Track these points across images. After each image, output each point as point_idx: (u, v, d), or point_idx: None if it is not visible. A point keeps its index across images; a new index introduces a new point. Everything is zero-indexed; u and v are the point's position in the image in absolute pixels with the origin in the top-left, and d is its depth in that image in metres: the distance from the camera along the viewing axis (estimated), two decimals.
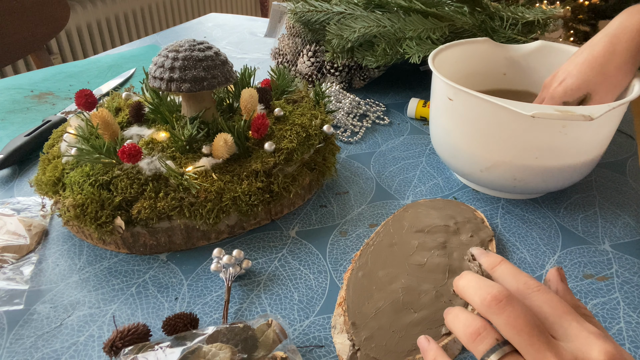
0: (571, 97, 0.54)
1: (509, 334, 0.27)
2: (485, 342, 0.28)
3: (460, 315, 0.30)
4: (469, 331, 0.28)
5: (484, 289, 0.29)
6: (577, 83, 0.53)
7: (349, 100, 0.80)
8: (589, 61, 0.52)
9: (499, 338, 0.28)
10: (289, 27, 0.87)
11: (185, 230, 0.50)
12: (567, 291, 0.32)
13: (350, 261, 0.51)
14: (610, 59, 0.51)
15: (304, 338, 0.42)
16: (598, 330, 0.27)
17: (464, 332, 0.29)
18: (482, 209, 0.59)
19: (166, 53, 0.52)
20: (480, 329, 0.28)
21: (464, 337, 0.29)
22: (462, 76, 0.66)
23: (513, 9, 0.75)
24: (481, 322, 0.28)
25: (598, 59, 0.52)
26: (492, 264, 0.33)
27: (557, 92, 0.54)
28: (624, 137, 0.74)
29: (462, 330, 0.29)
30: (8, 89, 0.89)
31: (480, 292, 0.29)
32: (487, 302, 0.28)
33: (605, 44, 0.52)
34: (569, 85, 0.53)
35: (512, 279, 0.30)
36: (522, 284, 0.30)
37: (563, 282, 0.33)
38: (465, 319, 0.29)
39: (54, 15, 1.31)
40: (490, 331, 0.28)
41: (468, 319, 0.29)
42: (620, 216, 0.57)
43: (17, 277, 0.48)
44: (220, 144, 0.50)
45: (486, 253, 0.34)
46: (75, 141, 0.53)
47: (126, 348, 0.36)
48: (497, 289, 0.28)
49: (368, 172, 0.66)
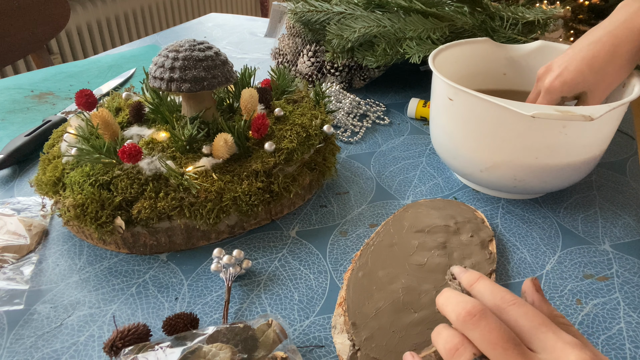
0: (569, 93, 0.53)
1: (484, 348, 0.28)
2: (462, 357, 0.28)
3: (442, 332, 0.30)
4: (447, 347, 0.29)
5: (460, 304, 0.30)
6: (576, 80, 0.52)
7: (349, 100, 0.80)
8: (588, 59, 0.51)
9: (476, 352, 0.28)
10: (289, 27, 0.87)
11: (186, 230, 0.50)
12: (543, 301, 0.33)
13: (350, 261, 0.51)
14: (611, 60, 0.50)
15: (304, 338, 0.42)
16: (575, 340, 0.27)
17: (444, 347, 0.29)
18: (482, 209, 0.59)
19: (166, 53, 0.52)
20: (458, 344, 0.29)
21: (444, 353, 0.29)
22: (462, 76, 0.66)
23: (513, 9, 0.75)
24: (459, 338, 0.29)
25: (599, 59, 0.51)
26: (470, 281, 0.33)
27: (554, 85, 0.53)
28: (624, 137, 0.74)
29: (442, 346, 0.30)
30: (8, 89, 0.89)
31: (456, 308, 0.30)
32: (462, 317, 0.29)
33: (606, 44, 0.51)
34: (567, 80, 0.52)
35: (489, 295, 0.31)
36: (499, 299, 0.30)
37: (539, 293, 0.33)
38: (445, 335, 0.30)
39: (54, 15, 1.31)
40: (468, 346, 0.29)
41: (448, 335, 0.30)
42: (620, 216, 0.57)
43: (17, 277, 0.48)
44: (221, 144, 0.50)
45: (465, 271, 0.35)
46: (76, 141, 0.53)
47: (126, 348, 0.36)
48: (471, 304, 0.29)
49: (368, 172, 0.66)
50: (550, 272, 0.49)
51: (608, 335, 0.43)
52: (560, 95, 0.53)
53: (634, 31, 0.50)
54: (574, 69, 0.52)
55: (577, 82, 0.52)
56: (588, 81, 0.52)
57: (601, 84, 0.52)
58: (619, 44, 0.50)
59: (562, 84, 0.52)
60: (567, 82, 0.52)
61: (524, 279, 0.48)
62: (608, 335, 0.43)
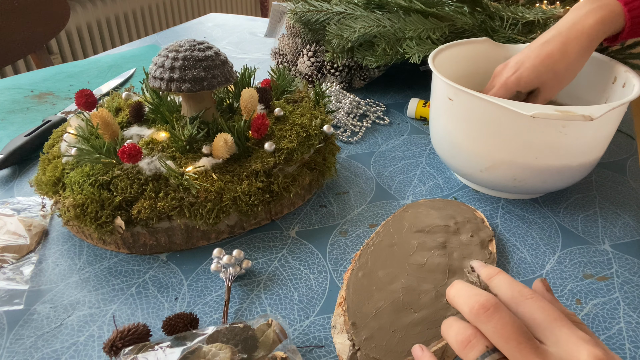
0: (524, 89, 0.56)
1: (497, 341, 0.28)
2: (475, 350, 0.28)
3: (453, 324, 0.31)
4: (459, 339, 0.29)
5: (473, 297, 0.30)
6: (530, 76, 0.55)
7: (349, 100, 0.80)
8: (541, 58, 0.55)
9: (488, 345, 0.28)
10: (289, 27, 0.87)
11: (185, 230, 0.50)
12: (554, 300, 0.34)
13: (350, 261, 0.51)
14: (561, 59, 0.54)
15: (304, 338, 0.42)
16: (587, 336, 0.28)
17: (455, 340, 0.30)
18: (482, 209, 0.59)
19: (166, 53, 0.52)
20: (470, 336, 0.29)
21: (455, 345, 0.30)
22: (462, 76, 0.66)
23: (513, 9, 0.75)
24: (472, 330, 0.29)
25: (551, 57, 0.54)
26: (490, 275, 0.34)
27: (510, 80, 0.56)
28: (624, 137, 0.74)
29: (454, 338, 0.30)
30: (8, 89, 0.89)
31: (469, 300, 0.30)
32: (475, 310, 0.29)
33: (557, 43, 0.54)
34: (523, 77, 0.56)
35: (507, 287, 0.32)
36: (517, 292, 0.31)
37: (549, 293, 0.34)
38: (457, 327, 0.30)
39: (54, 15, 1.31)
40: (480, 339, 0.29)
41: (460, 327, 0.30)
42: (620, 216, 0.57)
43: (17, 277, 0.48)
44: (220, 144, 0.50)
45: (485, 265, 0.36)
46: (75, 141, 0.53)
47: (126, 348, 0.36)
48: (485, 297, 0.29)
49: (368, 172, 0.66)
50: (550, 272, 0.49)
51: (608, 335, 0.43)
52: (515, 90, 0.57)
53: (583, 32, 0.54)
54: (529, 66, 0.55)
55: (532, 79, 0.55)
56: (541, 78, 0.55)
57: (553, 81, 0.55)
58: (568, 43, 0.54)
59: (519, 80, 0.56)
60: (522, 77, 0.56)
61: (524, 278, 0.48)
62: (608, 335, 0.43)
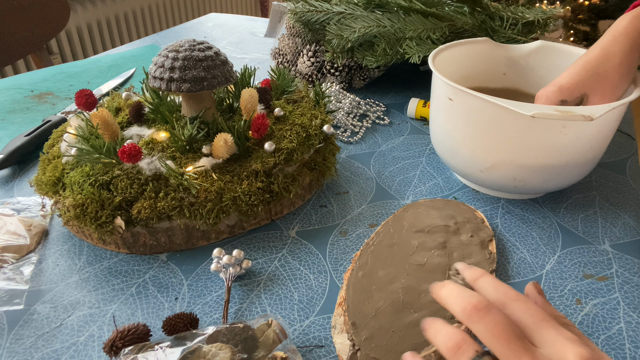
0: (568, 97, 0.53)
1: (488, 341, 0.28)
2: (465, 355, 0.29)
3: (441, 330, 0.31)
4: (449, 345, 0.29)
5: (465, 298, 0.30)
6: (571, 82, 0.53)
7: (349, 100, 0.80)
8: (580, 64, 0.53)
9: (478, 350, 0.29)
10: (289, 27, 0.87)
11: (185, 230, 0.50)
12: (545, 303, 0.34)
13: (350, 261, 0.51)
14: (604, 62, 0.52)
15: (304, 338, 0.42)
16: (575, 337, 0.28)
17: (445, 345, 0.30)
18: (482, 209, 0.59)
19: (166, 53, 0.52)
20: (460, 342, 0.29)
21: (445, 351, 0.30)
22: (462, 76, 0.66)
23: (513, 9, 0.75)
24: (461, 335, 0.29)
25: (591, 61, 0.52)
26: (474, 277, 0.34)
27: (550, 91, 0.54)
28: (624, 137, 0.74)
29: (443, 344, 0.30)
30: (8, 89, 0.89)
31: (461, 301, 0.30)
32: (468, 311, 0.29)
33: (596, 49, 0.53)
34: (562, 84, 0.53)
35: (492, 290, 0.32)
36: (502, 294, 0.31)
37: (541, 295, 0.34)
38: (445, 332, 0.30)
39: (54, 15, 1.31)
40: (470, 343, 0.29)
41: (448, 332, 0.30)
42: (620, 216, 0.57)
43: (17, 277, 0.48)
44: (220, 144, 0.50)
45: (469, 267, 0.36)
46: (75, 141, 0.53)
47: (126, 348, 0.36)
48: (477, 298, 0.30)
49: (368, 172, 0.66)
50: (550, 272, 0.49)
51: (608, 335, 0.43)
52: (559, 100, 0.53)
53: (620, 33, 0.52)
54: (568, 74, 0.53)
55: (574, 84, 0.52)
56: (584, 82, 0.52)
57: (599, 85, 0.52)
58: (609, 46, 0.52)
59: (559, 88, 0.53)
60: (563, 85, 0.53)
61: (524, 278, 0.48)
62: (608, 335, 0.43)
